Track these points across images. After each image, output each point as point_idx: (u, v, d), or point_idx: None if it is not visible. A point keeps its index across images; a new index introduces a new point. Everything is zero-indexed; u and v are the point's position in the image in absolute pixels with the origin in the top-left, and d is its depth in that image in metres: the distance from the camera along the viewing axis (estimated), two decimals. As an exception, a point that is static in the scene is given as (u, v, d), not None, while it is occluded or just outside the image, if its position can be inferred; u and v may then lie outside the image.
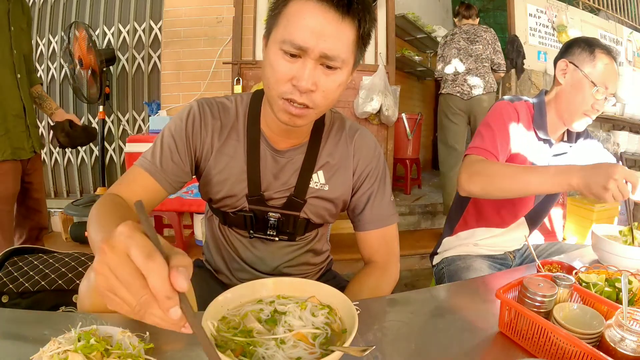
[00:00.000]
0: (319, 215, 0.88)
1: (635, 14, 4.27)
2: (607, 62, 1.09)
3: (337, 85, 0.70)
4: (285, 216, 0.86)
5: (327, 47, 0.65)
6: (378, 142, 0.93)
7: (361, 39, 0.70)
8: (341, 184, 0.87)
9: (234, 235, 0.91)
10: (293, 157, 0.84)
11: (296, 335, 0.52)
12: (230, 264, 0.93)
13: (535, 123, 1.15)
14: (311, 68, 0.66)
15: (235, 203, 0.85)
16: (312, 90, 0.68)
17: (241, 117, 0.84)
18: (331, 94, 0.71)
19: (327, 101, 0.71)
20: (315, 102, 0.69)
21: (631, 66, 4.02)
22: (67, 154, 3.26)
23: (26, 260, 1.13)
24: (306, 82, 0.66)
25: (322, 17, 0.64)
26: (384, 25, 2.96)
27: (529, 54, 3.33)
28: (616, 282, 0.72)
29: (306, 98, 0.68)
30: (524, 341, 0.61)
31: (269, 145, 0.83)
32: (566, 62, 1.13)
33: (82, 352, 0.48)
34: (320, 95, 0.69)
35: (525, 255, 1.31)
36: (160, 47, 2.93)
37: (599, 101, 1.08)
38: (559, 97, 1.15)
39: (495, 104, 1.17)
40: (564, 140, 1.22)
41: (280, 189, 0.84)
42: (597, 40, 1.13)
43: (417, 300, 0.80)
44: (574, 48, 1.13)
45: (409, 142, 3.52)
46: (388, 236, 0.91)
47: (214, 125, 0.82)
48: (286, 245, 0.90)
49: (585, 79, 1.09)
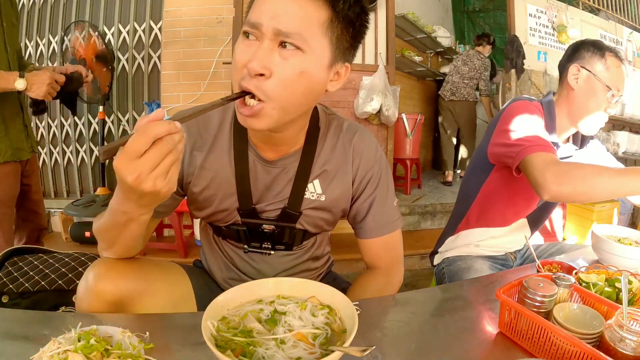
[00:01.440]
0: (316, 226, 0.84)
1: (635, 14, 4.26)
2: (618, 65, 1.10)
3: (298, 72, 0.60)
4: (281, 228, 0.81)
5: (282, 22, 0.57)
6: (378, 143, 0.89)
7: (339, 23, 0.62)
8: (339, 193, 0.81)
9: (230, 247, 0.87)
10: (286, 166, 0.78)
11: (296, 335, 0.52)
12: (226, 273, 0.90)
13: (546, 124, 1.14)
14: (265, 48, 0.58)
15: (227, 217, 0.81)
16: (263, 74, 0.58)
17: (227, 125, 0.77)
18: (291, 84, 0.60)
19: (287, 93, 0.60)
20: (267, 92, 0.59)
21: (631, 66, 4.02)
22: (67, 154, 3.26)
23: (26, 260, 1.13)
24: (255, 63, 0.57)
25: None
26: (384, 25, 2.96)
27: (529, 54, 3.33)
28: (616, 282, 0.72)
29: (255, 84, 0.59)
30: (524, 341, 0.61)
31: (258, 155, 0.77)
32: (578, 66, 1.12)
33: (82, 352, 0.48)
34: (275, 83, 0.59)
35: (526, 255, 1.30)
36: (160, 47, 2.93)
37: (611, 104, 1.10)
38: (571, 101, 1.14)
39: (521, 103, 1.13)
40: (570, 143, 1.22)
41: (273, 200, 0.79)
42: (603, 43, 1.13)
43: (417, 300, 0.80)
44: (582, 52, 1.13)
45: (409, 142, 3.52)
46: (391, 242, 0.86)
47: (191, 142, 0.76)
48: (284, 255, 0.86)
49: (600, 83, 1.09)
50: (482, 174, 1.22)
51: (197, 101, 2.78)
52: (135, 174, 0.48)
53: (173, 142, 0.49)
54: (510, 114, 1.12)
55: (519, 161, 1.01)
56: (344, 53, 0.66)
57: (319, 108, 0.83)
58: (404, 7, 3.81)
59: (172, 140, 0.48)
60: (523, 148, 1.01)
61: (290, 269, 0.88)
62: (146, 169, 0.48)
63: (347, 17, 0.62)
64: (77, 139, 3.23)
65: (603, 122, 1.13)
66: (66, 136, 3.25)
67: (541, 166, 0.95)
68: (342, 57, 0.66)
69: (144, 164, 0.48)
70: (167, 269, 0.85)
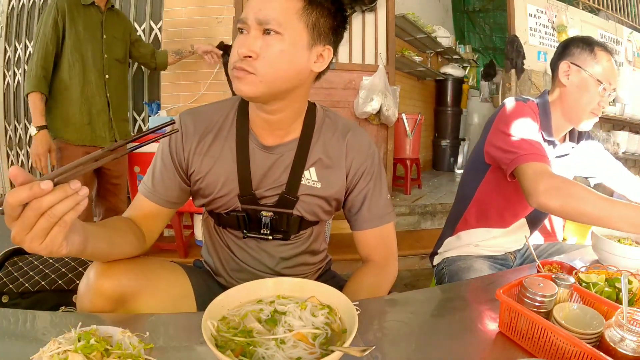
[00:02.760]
0: (312, 213, 0.88)
1: (635, 14, 4.26)
2: (608, 59, 1.10)
3: (279, 51, 0.72)
4: (279, 214, 0.85)
5: (262, 13, 0.71)
6: (376, 142, 0.93)
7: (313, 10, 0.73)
8: (334, 183, 0.86)
9: (229, 235, 0.91)
10: (283, 154, 0.84)
11: (296, 335, 0.52)
12: (227, 265, 0.93)
13: (542, 124, 1.15)
14: (251, 37, 0.72)
15: (228, 203, 0.85)
16: (250, 56, 0.71)
17: (230, 118, 0.85)
18: (275, 62, 0.72)
19: (272, 69, 0.72)
20: (256, 67, 0.71)
21: (631, 66, 4.02)
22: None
23: (26, 260, 1.13)
24: (243, 48, 0.71)
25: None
26: (384, 25, 2.96)
27: (529, 54, 3.33)
28: (616, 282, 0.72)
29: (245, 63, 0.71)
30: (524, 341, 0.61)
31: (257, 141, 0.84)
32: (568, 63, 1.13)
33: (82, 352, 0.48)
34: (263, 62, 0.71)
35: (526, 255, 1.30)
36: (160, 47, 2.93)
37: (604, 98, 1.10)
38: (564, 98, 1.15)
39: (516, 105, 1.14)
40: (567, 141, 1.22)
41: (272, 186, 0.84)
42: (592, 39, 1.14)
43: (417, 300, 0.80)
44: (572, 49, 1.14)
45: (409, 142, 3.52)
46: (385, 234, 0.91)
47: (196, 133, 0.84)
48: (281, 244, 0.90)
49: (590, 78, 1.09)
50: (479, 174, 1.23)
51: (197, 101, 2.78)
52: (13, 234, 0.49)
53: (39, 206, 0.47)
54: (505, 114, 1.13)
55: (512, 169, 1.04)
56: (323, 36, 0.76)
57: (318, 106, 0.90)
58: (404, 7, 3.81)
59: (38, 204, 0.47)
60: (517, 156, 1.03)
61: (288, 259, 0.91)
62: (19, 231, 0.49)
63: (320, 5, 0.74)
64: (77, 139, 3.24)
65: (597, 117, 1.14)
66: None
67: (534, 177, 0.99)
68: (322, 39, 0.76)
69: (17, 226, 0.49)
70: (167, 268, 0.85)
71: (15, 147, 3.28)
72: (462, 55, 5.07)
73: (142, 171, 2.26)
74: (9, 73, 3.20)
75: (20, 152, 3.29)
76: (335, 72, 2.85)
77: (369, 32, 2.93)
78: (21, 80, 3.22)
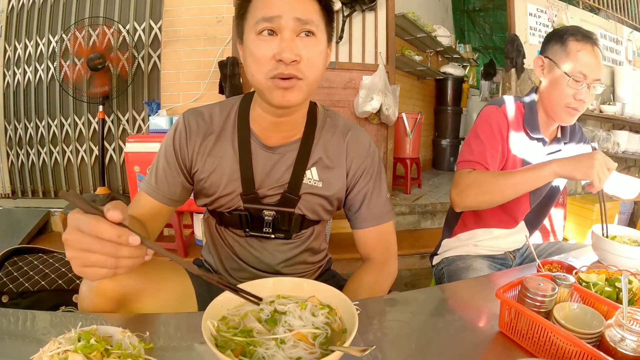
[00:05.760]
0: (314, 212, 0.88)
1: (635, 13, 4.26)
2: (580, 49, 1.04)
3: (319, 53, 0.72)
4: (281, 213, 0.86)
5: (300, 10, 0.68)
6: (376, 141, 0.94)
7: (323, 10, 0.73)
8: (335, 183, 0.87)
9: (230, 235, 0.91)
10: (285, 154, 0.85)
11: (296, 335, 0.52)
12: (227, 264, 0.93)
13: (527, 122, 1.15)
14: (290, 39, 0.68)
15: (230, 202, 0.86)
16: (297, 61, 0.68)
17: (231, 118, 0.86)
18: (316, 62, 0.71)
19: (314, 71, 0.72)
20: (303, 71, 0.70)
21: (631, 66, 4.01)
22: (67, 154, 3.26)
23: (26, 260, 1.13)
24: (289, 53, 0.67)
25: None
26: (384, 24, 2.96)
27: (529, 54, 3.33)
28: (616, 282, 0.72)
29: (293, 69, 0.69)
30: (524, 341, 0.61)
31: (260, 142, 0.84)
32: (542, 58, 1.12)
33: (82, 352, 0.48)
34: (305, 64, 0.70)
35: (526, 255, 1.30)
36: (160, 46, 2.93)
37: (579, 91, 1.04)
38: (541, 94, 1.15)
39: (483, 110, 1.17)
40: (557, 137, 1.21)
41: (274, 185, 0.85)
42: (570, 28, 1.09)
43: (417, 300, 0.80)
44: (550, 42, 1.12)
45: (409, 142, 3.52)
46: (385, 233, 0.91)
47: (200, 132, 0.84)
48: (282, 243, 0.90)
49: (559, 70, 1.06)
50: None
51: (197, 101, 2.78)
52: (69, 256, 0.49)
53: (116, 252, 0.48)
54: (476, 124, 1.16)
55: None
56: (328, 35, 0.78)
57: (318, 105, 0.90)
58: (404, 7, 3.80)
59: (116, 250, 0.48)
60: (457, 162, 1.11)
61: (288, 259, 0.92)
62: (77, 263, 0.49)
63: (326, 5, 0.75)
64: (77, 138, 3.23)
65: (575, 110, 1.08)
66: (66, 136, 3.25)
67: (455, 182, 1.07)
68: (329, 38, 0.78)
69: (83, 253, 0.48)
70: (168, 267, 0.86)
71: (15, 146, 3.27)
72: (462, 54, 5.06)
73: (142, 171, 2.26)
74: (9, 73, 3.20)
75: (20, 152, 3.29)
76: (335, 72, 2.84)
77: (369, 32, 2.93)
78: (21, 80, 3.21)
